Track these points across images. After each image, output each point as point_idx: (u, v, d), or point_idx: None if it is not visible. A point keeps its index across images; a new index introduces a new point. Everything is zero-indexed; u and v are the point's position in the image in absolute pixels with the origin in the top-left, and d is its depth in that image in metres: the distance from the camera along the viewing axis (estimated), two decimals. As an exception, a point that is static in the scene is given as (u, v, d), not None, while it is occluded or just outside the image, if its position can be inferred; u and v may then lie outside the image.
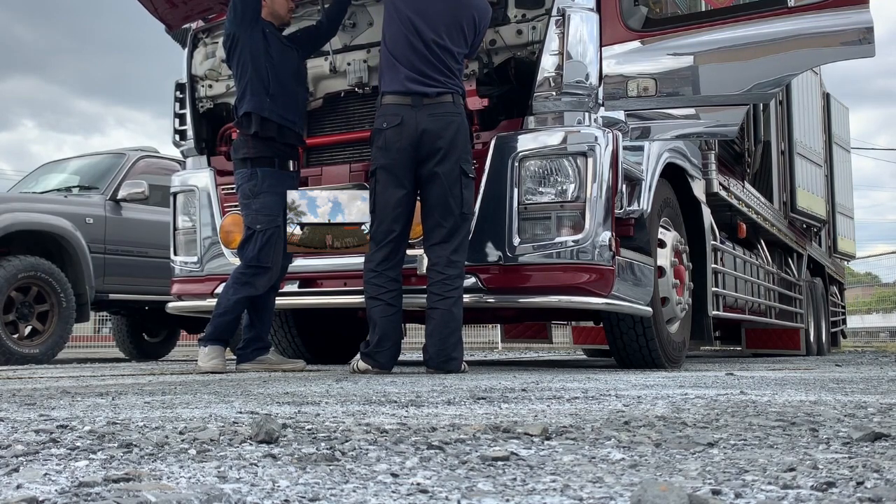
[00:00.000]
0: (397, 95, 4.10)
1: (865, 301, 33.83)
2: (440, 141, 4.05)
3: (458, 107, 4.14)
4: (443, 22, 4.11)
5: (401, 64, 4.11)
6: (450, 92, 4.10)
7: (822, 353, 10.44)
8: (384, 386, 3.19)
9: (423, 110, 4.06)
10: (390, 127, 4.07)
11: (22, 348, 6.55)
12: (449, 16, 4.13)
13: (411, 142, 4.06)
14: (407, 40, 4.11)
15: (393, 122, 4.07)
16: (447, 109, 4.08)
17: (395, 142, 4.07)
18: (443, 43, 4.09)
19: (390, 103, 4.11)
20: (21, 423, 1.83)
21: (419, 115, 4.06)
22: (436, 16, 4.12)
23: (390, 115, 4.09)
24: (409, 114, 4.06)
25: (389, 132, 4.08)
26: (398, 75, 4.11)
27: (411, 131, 4.05)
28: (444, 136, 4.05)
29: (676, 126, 4.62)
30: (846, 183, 12.58)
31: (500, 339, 17.62)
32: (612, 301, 4.32)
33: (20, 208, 6.86)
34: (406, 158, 4.08)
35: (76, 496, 1.05)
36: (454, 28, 4.13)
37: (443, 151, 4.05)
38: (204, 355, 4.36)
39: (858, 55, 4.14)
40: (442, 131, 4.05)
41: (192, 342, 12.04)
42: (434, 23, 4.11)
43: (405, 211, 4.16)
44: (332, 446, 1.47)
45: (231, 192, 4.83)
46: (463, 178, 4.09)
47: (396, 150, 4.07)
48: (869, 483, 1.13)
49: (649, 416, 1.99)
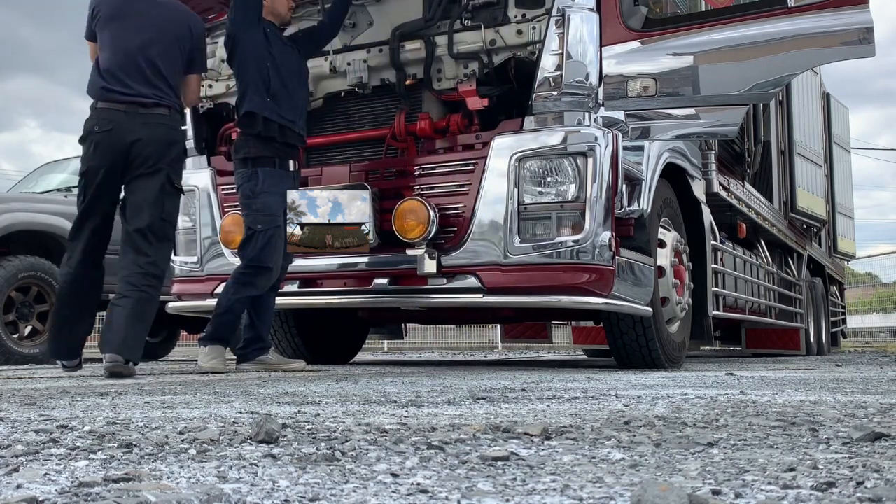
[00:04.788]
0: (113, 102, 4.09)
1: (866, 301, 33.84)
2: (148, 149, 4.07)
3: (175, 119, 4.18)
4: (155, 37, 4.15)
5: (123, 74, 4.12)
6: (166, 105, 4.12)
7: (822, 353, 10.44)
8: (384, 386, 3.19)
9: (138, 119, 4.05)
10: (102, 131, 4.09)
11: (22, 348, 6.54)
12: (159, 30, 4.16)
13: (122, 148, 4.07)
14: (123, 54, 4.12)
15: (105, 127, 4.08)
16: (161, 120, 4.10)
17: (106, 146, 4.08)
18: (152, 57, 4.12)
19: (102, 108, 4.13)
20: (21, 423, 1.83)
21: (133, 123, 4.04)
22: (147, 31, 4.14)
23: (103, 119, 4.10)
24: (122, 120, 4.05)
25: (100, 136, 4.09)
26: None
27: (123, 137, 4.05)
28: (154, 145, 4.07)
29: (676, 126, 4.61)
30: (846, 183, 12.59)
31: (500, 339, 17.63)
32: (612, 301, 4.32)
33: (20, 208, 6.86)
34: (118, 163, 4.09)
35: (76, 496, 1.05)
36: (166, 43, 4.16)
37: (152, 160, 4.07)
38: (204, 355, 4.36)
39: (858, 55, 4.14)
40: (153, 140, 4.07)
41: (192, 342, 12.04)
42: (147, 38, 4.13)
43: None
44: (332, 446, 1.47)
45: (231, 192, 4.82)
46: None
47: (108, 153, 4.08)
48: (869, 483, 1.13)
49: (649, 416, 1.99)
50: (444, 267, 4.44)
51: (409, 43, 4.75)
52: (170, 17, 4.21)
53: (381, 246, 4.59)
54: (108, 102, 4.08)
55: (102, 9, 4.20)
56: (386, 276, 4.66)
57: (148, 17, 4.17)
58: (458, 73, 4.64)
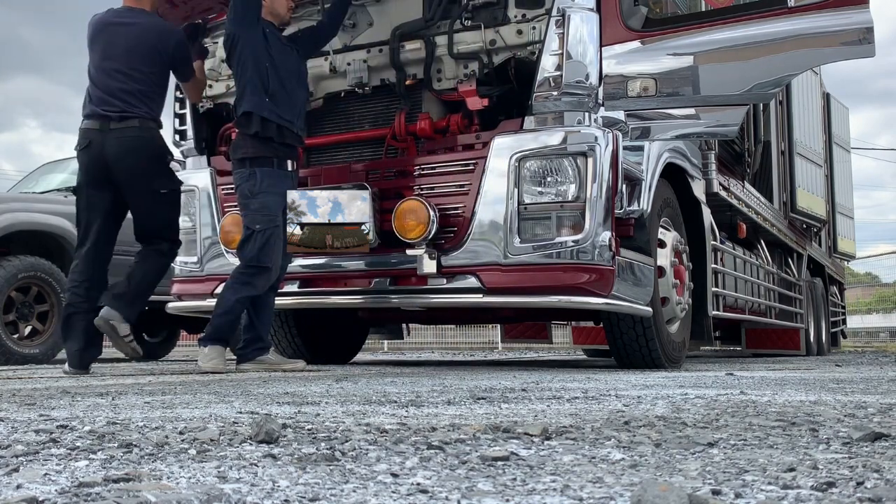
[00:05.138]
0: (89, 119, 4.38)
1: (866, 301, 33.85)
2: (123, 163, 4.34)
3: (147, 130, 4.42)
4: (125, 53, 4.40)
5: (97, 88, 4.40)
6: (136, 116, 4.37)
7: (822, 353, 10.44)
8: (384, 386, 3.19)
9: (111, 134, 4.33)
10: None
11: (22, 348, 6.55)
12: (129, 47, 4.40)
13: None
14: (97, 73, 4.41)
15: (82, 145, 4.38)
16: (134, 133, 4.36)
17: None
18: (122, 71, 4.38)
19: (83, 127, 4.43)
20: (21, 423, 1.83)
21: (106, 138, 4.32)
22: (118, 48, 4.41)
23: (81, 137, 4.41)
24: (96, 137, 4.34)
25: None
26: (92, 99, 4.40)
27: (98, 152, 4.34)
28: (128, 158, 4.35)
29: (676, 126, 4.61)
30: (846, 183, 12.59)
31: (500, 339, 17.63)
32: (612, 301, 4.32)
33: (20, 208, 6.86)
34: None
35: (76, 496, 1.05)
36: (138, 58, 4.40)
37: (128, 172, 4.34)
38: (204, 355, 4.36)
39: (858, 55, 4.14)
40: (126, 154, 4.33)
41: (192, 342, 12.04)
42: (116, 54, 4.40)
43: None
44: (332, 446, 1.47)
45: (231, 192, 4.83)
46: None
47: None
48: (869, 483, 1.13)
49: (649, 416, 1.99)
50: (444, 267, 4.43)
51: (409, 43, 4.75)
52: (141, 33, 4.44)
53: (381, 246, 4.59)
54: (87, 120, 4.38)
55: (89, 31, 4.51)
56: (386, 276, 4.66)
57: (120, 35, 4.43)
58: (458, 73, 4.64)
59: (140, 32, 4.42)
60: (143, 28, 4.44)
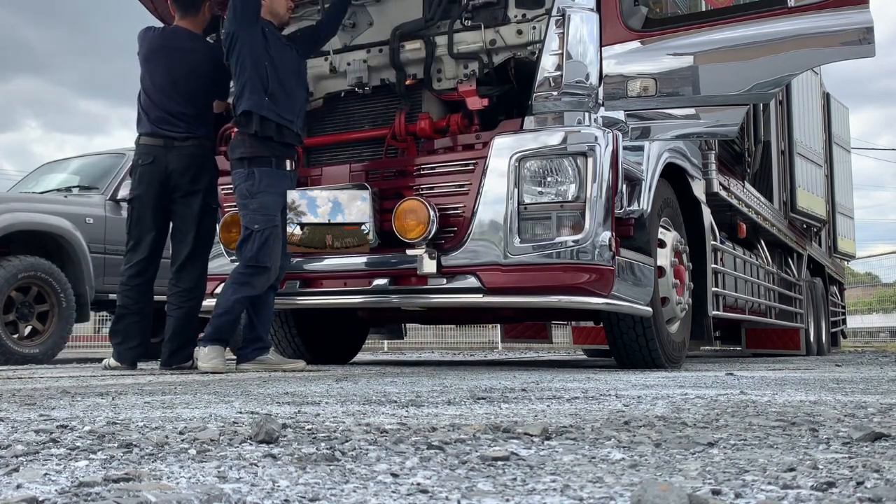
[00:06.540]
0: (152, 136, 4.67)
1: (866, 301, 33.86)
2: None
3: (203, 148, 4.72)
4: (185, 74, 4.66)
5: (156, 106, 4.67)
6: (198, 137, 4.68)
7: (822, 353, 10.44)
8: (384, 386, 3.19)
9: (173, 151, 4.61)
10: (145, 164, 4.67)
11: (22, 348, 6.54)
12: (189, 68, 4.68)
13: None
14: (158, 92, 4.67)
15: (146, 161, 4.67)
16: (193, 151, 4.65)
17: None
18: (183, 94, 4.66)
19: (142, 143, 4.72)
20: (21, 423, 1.83)
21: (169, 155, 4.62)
22: (179, 69, 4.68)
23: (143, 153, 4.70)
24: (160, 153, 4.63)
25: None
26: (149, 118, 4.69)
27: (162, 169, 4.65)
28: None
29: (676, 126, 4.61)
30: (846, 183, 12.58)
31: (500, 339, 17.62)
32: (612, 301, 4.32)
33: (20, 208, 6.85)
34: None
35: (76, 496, 1.05)
36: (196, 79, 4.69)
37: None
38: (204, 355, 4.36)
39: (858, 55, 4.14)
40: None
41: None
42: (178, 75, 4.67)
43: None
44: (332, 446, 1.47)
45: (230, 192, 4.82)
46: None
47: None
48: (869, 483, 1.13)
49: (649, 416, 1.99)
50: (444, 267, 4.43)
51: (409, 43, 4.75)
52: (199, 64, 4.75)
53: (381, 246, 4.59)
54: (148, 137, 4.67)
55: (142, 46, 4.78)
56: (386, 276, 4.66)
57: (182, 61, 4.71)
58: (458, 73, 4.64)
59: (199, 63, 4.74)
60: (202, 59, 4.76)
